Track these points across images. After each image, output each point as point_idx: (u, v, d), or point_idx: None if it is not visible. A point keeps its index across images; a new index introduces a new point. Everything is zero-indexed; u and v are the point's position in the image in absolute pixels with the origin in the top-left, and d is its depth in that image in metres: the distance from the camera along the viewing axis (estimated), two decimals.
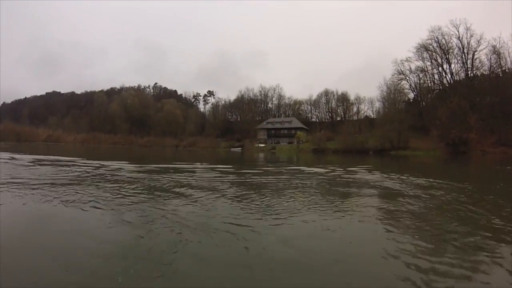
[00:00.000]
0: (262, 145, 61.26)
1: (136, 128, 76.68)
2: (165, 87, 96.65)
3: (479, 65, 44.75)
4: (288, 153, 46.63)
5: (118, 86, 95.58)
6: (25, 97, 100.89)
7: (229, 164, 17.31)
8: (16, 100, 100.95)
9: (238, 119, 76.00)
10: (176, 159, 21.50)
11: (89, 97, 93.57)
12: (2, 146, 30.46)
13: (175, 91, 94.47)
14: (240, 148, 59.59)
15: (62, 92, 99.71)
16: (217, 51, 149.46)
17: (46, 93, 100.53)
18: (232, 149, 59.57)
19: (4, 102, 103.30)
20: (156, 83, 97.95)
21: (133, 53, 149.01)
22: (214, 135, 69.78)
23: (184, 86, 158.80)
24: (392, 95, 51.15)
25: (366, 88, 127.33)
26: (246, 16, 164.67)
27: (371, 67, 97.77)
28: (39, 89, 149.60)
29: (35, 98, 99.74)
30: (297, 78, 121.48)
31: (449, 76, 48.26)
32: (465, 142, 36.08)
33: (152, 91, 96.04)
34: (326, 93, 66.86)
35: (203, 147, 62.03)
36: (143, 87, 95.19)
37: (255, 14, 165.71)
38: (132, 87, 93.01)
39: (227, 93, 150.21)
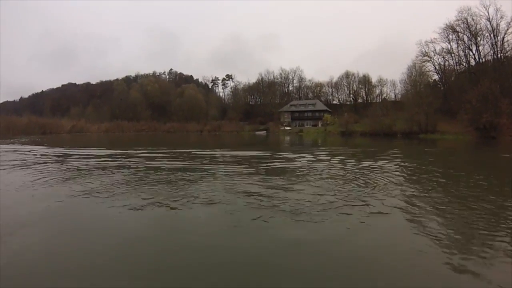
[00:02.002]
0: (288, 128, 62.42)
1: (158, 114, 77.74)
2: (180, 73, 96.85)
3: (508, 48, 44.98)
4: (316, 136, 47.48)
5: (133, 74, 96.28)
6: (42, 91, 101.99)
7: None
8: (33, 94, 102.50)
9: (258, 103, 76.84)
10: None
11: (105, 86, 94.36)
12: (37, 141, 30.32)
13: (191, 76, 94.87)
14: (265, 132, 60.66)
15: (77, 83, 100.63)
16: (230, 35, 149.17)
17: (62, 85, 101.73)
18: (256, 132, 60.57)
19: (21, 97, 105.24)
20: (171, 69, 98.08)
21: (146, 40, 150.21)
22: (237, 119, 70.83)
23: (198, 71, 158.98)
24: (417, 77, 51.47)
25: (383, 69, 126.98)
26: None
27: (388, 48, 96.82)
28: (54, 82, 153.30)
29: (52, 91, 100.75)
30: (312, 60, 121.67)
31: (477, 58, 48.58)
32: (495, 127, 36.78)
33: (167, 77, 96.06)
34: (347, 75, 67.40)
35: (229, 131, 63.03)
36: (158, 73, 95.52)
37: None
38: (147, 74, 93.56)
39: (241, 77, 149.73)
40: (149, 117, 77.10)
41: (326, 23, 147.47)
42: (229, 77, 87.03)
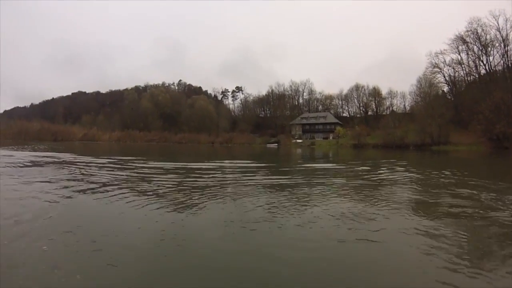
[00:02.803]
0: (300, 140, 62.85)
1: (168, 124, 78.09)
2: (189, 84, 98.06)
3: None
4: (329, 149, 46.79)
5: (142, 84, 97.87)
6: (53, 98, 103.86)
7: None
8: (44, 101, 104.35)
9: (269, 115, 77.61)
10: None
11: (114, 95, 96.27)
12: (54, 147, 28.94)
13: (200, 87, 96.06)
14: (276, 144, 60.78)
15: (87, 92, 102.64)
16: (238, 46, 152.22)
17: (72, 93, 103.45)
18: (268, 145, 60.66)
19: (32, 103, 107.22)
20: (180, 80, 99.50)
21: (154, 51, 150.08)
22: (248, 131, 71.16)
23: (207, 82, 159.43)
24: (427, 89, 52.04)
25: (392, 80, 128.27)
26: (265, 9, 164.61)
27: (396, 59, 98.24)
28: (63, 90, 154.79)
29: (62, 99, 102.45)
30: (321, 71, 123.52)
31: (487, 68, 49.30)
32: (508, 138, 36.93)
33: (177, 88, 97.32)
34: (357, 87, 68.48)
35: (240, 143, 63.00)
36: (167, 84, 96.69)
37: (274, 7, 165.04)
38: (156, 84, 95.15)
39: (250, 86, 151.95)
40: (160, 127, 77.57)
41: (333, 34, 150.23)
42: (238, 89, 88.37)
